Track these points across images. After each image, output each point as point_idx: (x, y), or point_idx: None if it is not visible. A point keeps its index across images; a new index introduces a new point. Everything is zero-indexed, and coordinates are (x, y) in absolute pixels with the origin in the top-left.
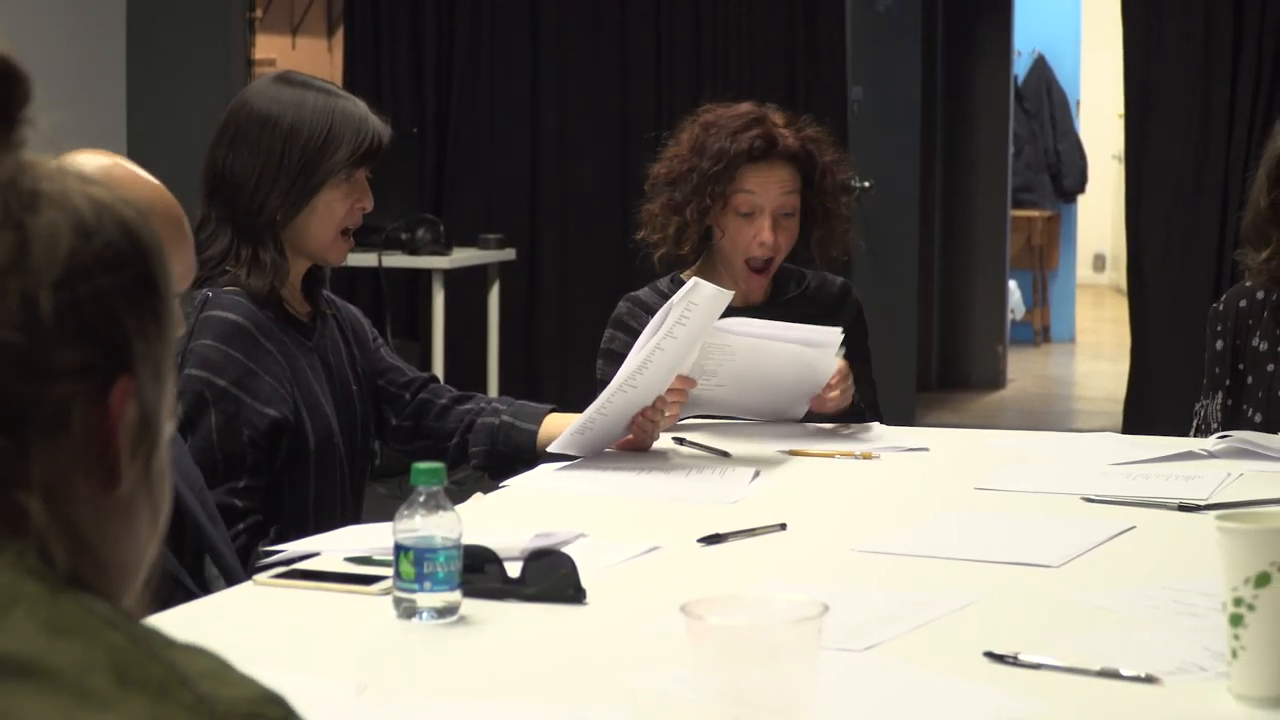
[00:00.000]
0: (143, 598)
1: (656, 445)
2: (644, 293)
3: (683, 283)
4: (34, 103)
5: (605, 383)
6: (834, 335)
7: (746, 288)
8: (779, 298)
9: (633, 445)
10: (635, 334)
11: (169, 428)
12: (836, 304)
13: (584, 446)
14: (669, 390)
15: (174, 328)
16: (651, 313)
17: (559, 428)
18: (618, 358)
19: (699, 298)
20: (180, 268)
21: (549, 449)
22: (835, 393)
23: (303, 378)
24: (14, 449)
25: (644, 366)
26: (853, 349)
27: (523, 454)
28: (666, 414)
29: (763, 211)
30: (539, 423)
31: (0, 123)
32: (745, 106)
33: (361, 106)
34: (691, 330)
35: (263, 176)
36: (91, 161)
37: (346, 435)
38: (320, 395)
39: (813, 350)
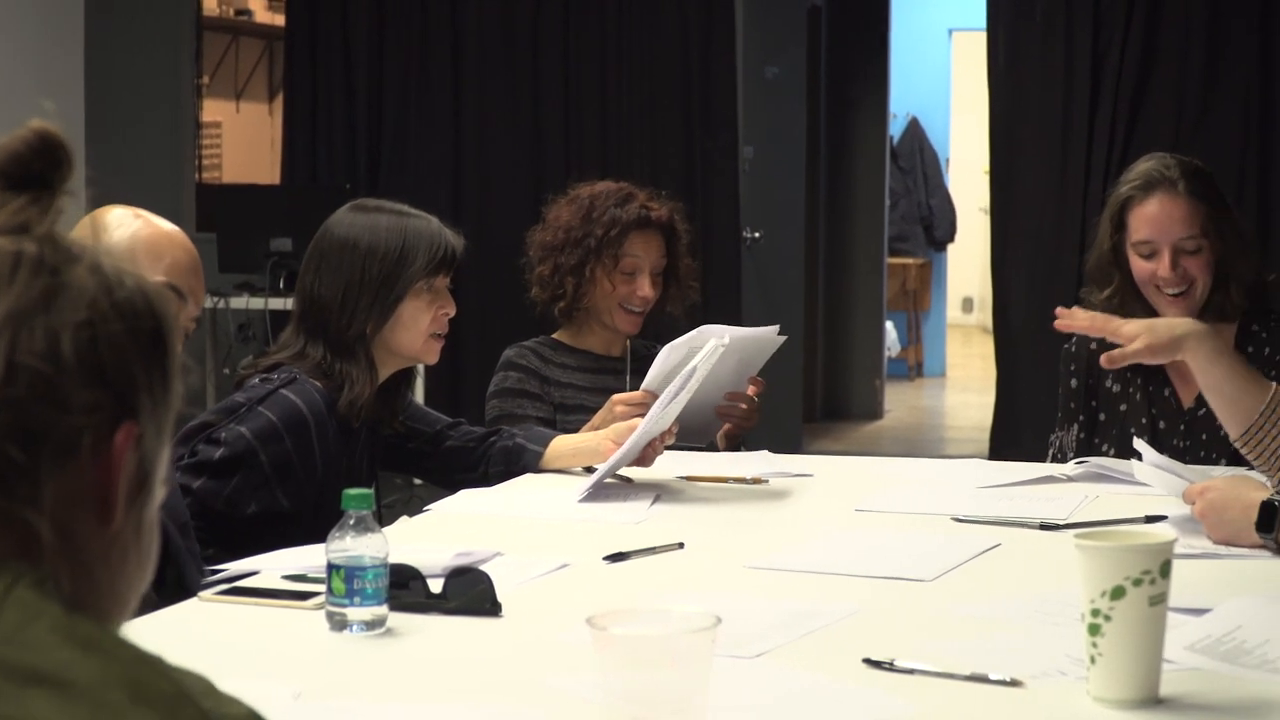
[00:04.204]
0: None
1: (566, 474)
2: (529, 343)
3: (556, 343)
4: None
5: (501, 418)
6: (772, 329)
7: (625, 330)
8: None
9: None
10: (524, 370)
11: (161, 491)
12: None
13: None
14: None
15: (177, 397)
16: (537, 354)
17: (563, 447)
18: (512, 393)
19: (716, 356)
20: (196, 302)
21: (578, 501)
22: (745, 406)
23: (328, 480)
24: (29, 465)
25: (666, 410)
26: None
27: (530, 471)
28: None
29: (643, 271)
30: (546, 445)
31: (44, 190)
32: (609, 185)
33: (434, 222)
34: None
35: (347, 294)
36: (117, 214)
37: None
38: (332, 496)
39: (753, 339)
